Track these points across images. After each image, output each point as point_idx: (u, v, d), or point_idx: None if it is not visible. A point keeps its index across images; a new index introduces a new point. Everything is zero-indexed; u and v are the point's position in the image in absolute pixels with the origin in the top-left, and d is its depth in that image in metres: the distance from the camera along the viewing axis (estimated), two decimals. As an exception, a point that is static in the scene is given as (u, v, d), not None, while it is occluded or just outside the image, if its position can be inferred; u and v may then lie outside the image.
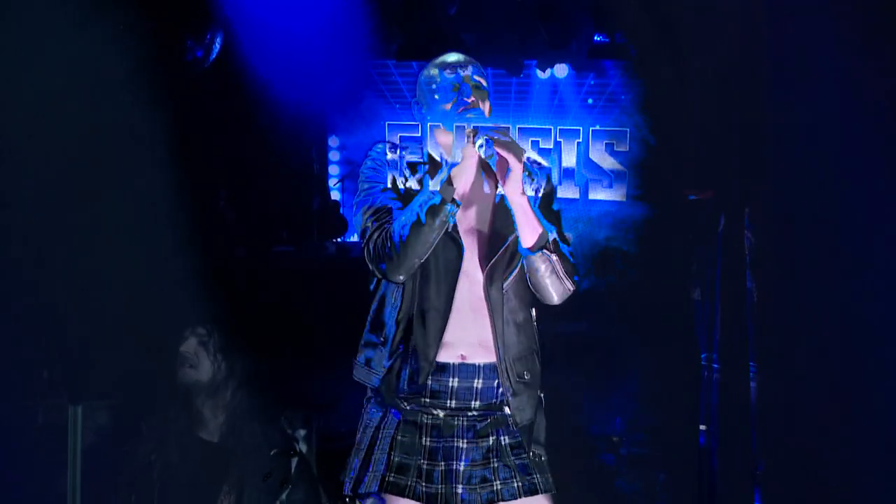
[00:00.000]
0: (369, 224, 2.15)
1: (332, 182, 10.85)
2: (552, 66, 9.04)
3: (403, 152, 2.22)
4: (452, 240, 2.13)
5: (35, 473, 2.85)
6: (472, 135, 2.04)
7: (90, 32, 3.25)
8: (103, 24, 3.30)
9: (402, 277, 2.10)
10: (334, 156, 11.04)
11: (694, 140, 3.85)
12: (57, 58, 3.18)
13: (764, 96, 3.39)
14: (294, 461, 2.68)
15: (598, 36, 7.45)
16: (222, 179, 7.95)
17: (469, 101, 2.18)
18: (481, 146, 2.03)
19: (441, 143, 2.24)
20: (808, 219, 3.26)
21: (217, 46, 5.96)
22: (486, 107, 2.22)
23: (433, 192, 2.05)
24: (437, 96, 2.22)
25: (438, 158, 2.23)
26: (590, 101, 10.05)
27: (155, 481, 2.57)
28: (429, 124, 2.22)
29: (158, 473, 2.58)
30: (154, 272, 3.16)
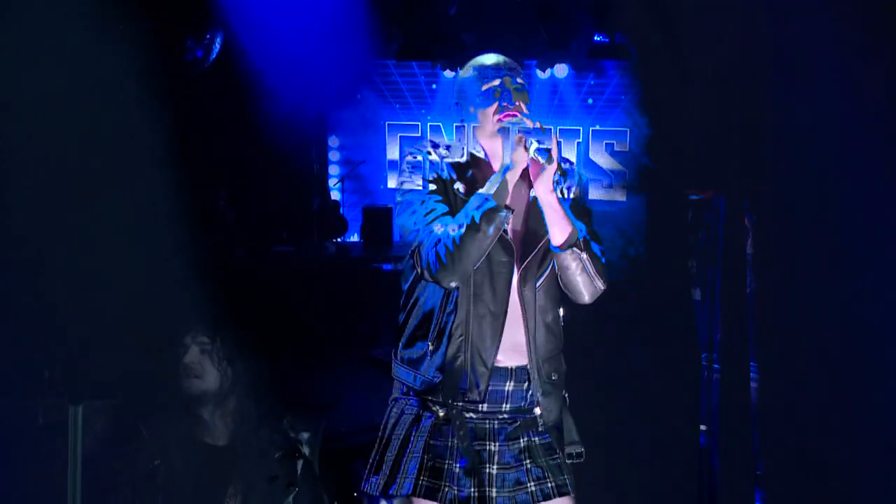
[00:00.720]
0: (419, 227, 2.11)
1: (332, 182, 10.86)
2: (552, 66, 9.06)
3: (445, 151, 2.21)
4: (505, 242, 2.13)
5: (35, 473, 2.84)
6: (522, 140, 2.04)
7: (90, 32, 3.25)
8: (103, 24, 3.30)
9: (454, 283, 2.07)
10: (334, 156, 11.05)
11: (694, 140, 3.84)
12: (57, 58, 3.18)
13: (764, 96, 3.39)
14: (299, 464, 2.68)
15: (598, 36, 7.47)
16: (222, 179, 7.97)
17: (511, 107, 2.16)
18: (538, 150, 2.02)
19: (484, 146, 2.24)
20: (808, 219, 3.26)
21: (217, 46, 5.98)
22: (525, 108, 2.19)
23: (488, 198, 2.03)
24: (478, 99, 2.19)
25: (483, 157, 2.23)
26: (590, 101, 10.07)
27: (159, 487, 2.57)
28: (472, 126, 2.22)
29: (162, 479, 2.57)
30: (154, 272, 3.16)
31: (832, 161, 3.12)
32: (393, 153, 10.36)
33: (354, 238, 10.21)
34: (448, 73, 8.95)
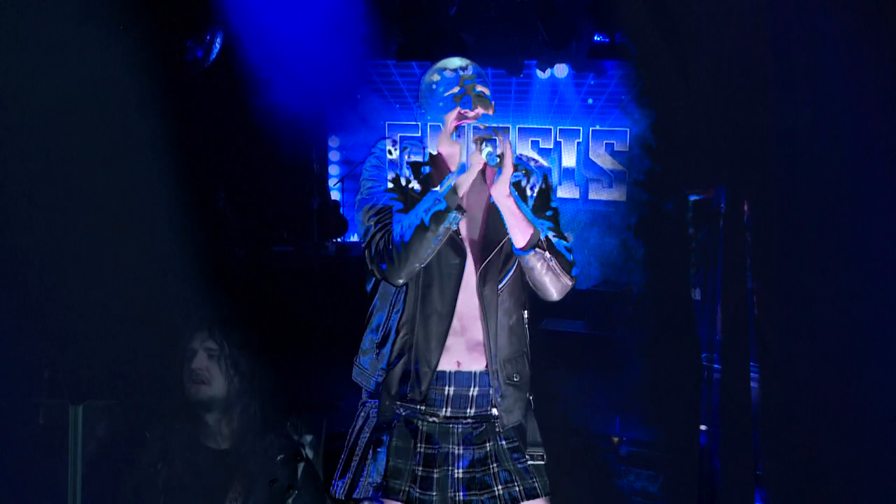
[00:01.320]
0: (371, 224, 2.15)
1: (332, 182, 10.85)
2: (552, 66, 9.05)
3: (405, 151, 2.22)
4: (455, 244, 2.14)
5: (36, 473, 2.85)
6: (479, 143, 2.05)
7: (90, 32, 3.25)
8: (103, 23, 3.30)
9: (401, 280, 2.10)
10: (334, 156, 11.05)
11: (694, 139, 3.85)
12: (57, 58, 3.18)
13: (764, 96, 3.39)
14: (301, 467, 2.67)
15: (598, 36, 7.45)
16: (222, 179, 7.97)
17: (470, 113, 2.18)
18: (489, 154, 2.04)
19: (443, 151, 2.25)
20: (808, 219, 3.26)
21: (217, 46, 5.97)
22: (488, 112, 2.21)
23: (439, 199, 2.05)
24: (440, 104, 2.22)
25: (442, 158, 2.24)
26: (590, 101, 10.05)
27: (160, 490, 2.57)
28: (430, 126, 2.23)
29: (164, 482, 2.57)
30: (154, 272, 3.16)
31: (833, 161, 3.12)
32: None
33: (354, 238, 10.21)
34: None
